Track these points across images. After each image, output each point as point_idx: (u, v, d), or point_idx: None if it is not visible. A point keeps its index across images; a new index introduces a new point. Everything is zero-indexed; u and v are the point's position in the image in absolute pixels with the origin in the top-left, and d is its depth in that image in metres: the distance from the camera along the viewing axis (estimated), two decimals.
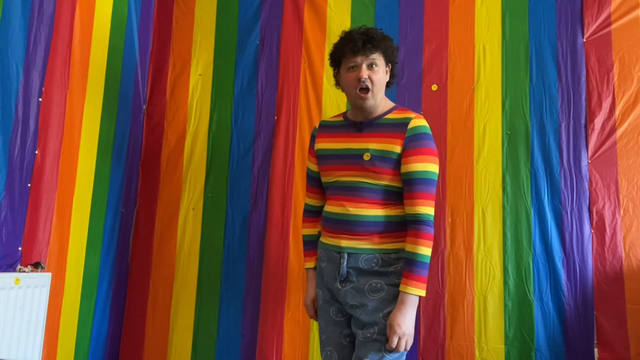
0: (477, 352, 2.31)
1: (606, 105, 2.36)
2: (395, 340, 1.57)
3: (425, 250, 1.63)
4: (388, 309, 1.64)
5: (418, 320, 2.37)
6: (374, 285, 1.67)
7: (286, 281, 2.50)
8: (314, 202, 1.93)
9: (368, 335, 1.63)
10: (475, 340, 2.32)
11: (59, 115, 2.11)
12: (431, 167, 1.69)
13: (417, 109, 2.51)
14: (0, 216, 1.86)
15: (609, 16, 2.41)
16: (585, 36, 2.42)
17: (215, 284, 2.57)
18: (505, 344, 2.30)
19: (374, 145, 1.71)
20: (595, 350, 2.23)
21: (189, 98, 2.74)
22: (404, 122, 1.71)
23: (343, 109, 2.55)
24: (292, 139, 2.61)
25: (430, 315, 2.36)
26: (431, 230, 1.66)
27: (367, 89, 1.71)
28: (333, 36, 2.60)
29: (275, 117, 2.64)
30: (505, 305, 2.32)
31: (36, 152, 2.01)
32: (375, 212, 1.69)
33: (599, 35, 2.41)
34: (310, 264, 1.90)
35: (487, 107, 2.46)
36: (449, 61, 2.52)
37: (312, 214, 1.94)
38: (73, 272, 2.23)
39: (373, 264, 1.68)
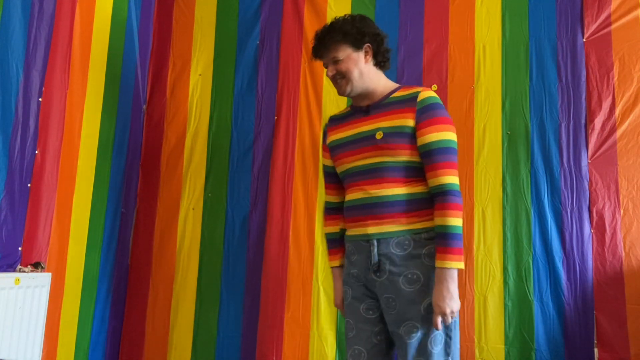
0: (477, 352, 2.31)
1: (606, 105, 2.36)
2: (438, 321, 1.52)
3: (455, 221, 1.55)
4: (428, 301, 1.56)
5: None
6: (409, 276, 1.57)
7: (286, 281, 2.50)
8: (333, 198, 1.85)
9: (412, 334, 1.55)
10: (475, 340, 2.32)
11: (59, 115, 2.11)
12: (448, 135, 1.61)
13: None
14: (0, 216, 1.86)
15: (609, 16, 2.41)
16: (585, 36, 2.42)
17: (215, 284, 2.57)
18: (505, 344, 2.30)
19: (385, 123, 1.65)
20: (595, 350, 2.23)
21: (189, 98, 2.74)
22: (413, 97, 1.65)
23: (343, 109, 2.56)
24: (292, 139, 2.61)
25: None
26: (459, 200, 1.57)
27: (339, 82, 1.71)
28: None
29: (275, 117, 2.64)
30: (505, 305, 2.32)
31: (36, 152, 2.01)
32: (397, 190, 1.61)
33: (599, 35, 2.41)
34: (336, 263, 1.82)
35: (487, 107, 2.46)
36: (449, 61, 2.52)
37: (333, 210, 1.85)
38: (73, 272, 2.23)
39: (405, 247, 1.59)
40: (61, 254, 2.16)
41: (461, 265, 1.53)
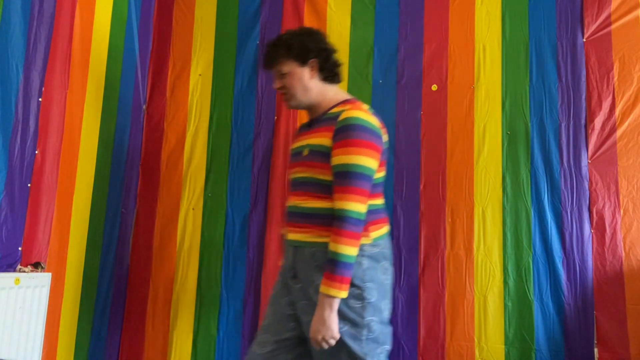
0: (477, 352, 2.31)
1: (606, 105, 2.36)
2: (313, 343, 1.52)
3: (344, 249, 1.49)
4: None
5: (418, 320, 2.38)
6: (317, 285, 1.54)
7: None
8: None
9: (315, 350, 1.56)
10: (475, 340, 2.32)
11: (59, 115, 2.11)
12: (357, 158, 1.53)
13: (417, 109, 2.51)
14: (0, 216, 1.86)
15: (609, 16, 2.41)
16: (585, 36, 2.42)
17: (215, 284, 2.57)
18: (505, 344, 2.30)
19: (312, 140, 1.66)
20: (595, 350, 2.23)
21: (189, 98, 2.74)
22: (337, 116, 1.61)
23: None
24: (292, 139, 2.61)
25: (430, 315, 2.36)
26: (353, 228, 1.50)
27: (284, 95, 1.75)
28: (333, 36, 2.60)
29: (275, 117, 2.64)
30: (505, 305, 2.32)
31: (36, 152, 2.01)
32: (313, 204, 1.61)
33: (599, 35, 2.41)
34: None
35: (487, 107, 2.46)
36: (449, 61, 2.52)
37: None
38: (73, 272, 2.23)
39: (318, 258, 1.57)
40: (61, 254, 2.16)
41: (343, 294, 1.49)
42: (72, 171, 2.22)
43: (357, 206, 1.52)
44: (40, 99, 2.02)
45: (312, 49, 1.69)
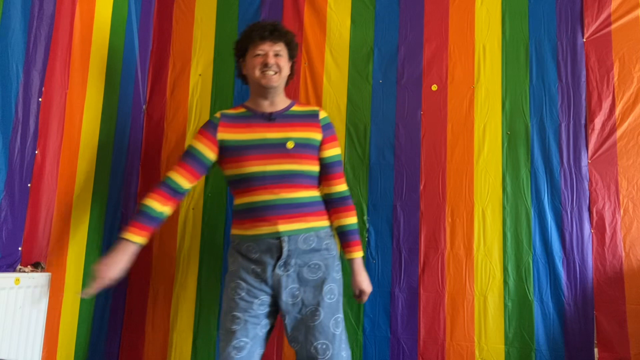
0: (477, 352, 2.31)
1: (606, 105, 2.36)
2: (365, 298, 1.93)
3: (356, 219, 1.95)
4: (328, 286, 1.80)
5: (418, 320, 2.38)
6: (312, 265, 1.80)
7: None
8: (183, 181, 1.86)
9: (315, 318, 1.75)
10: (475, 340, 2.32)
11: (59, 115, 2.11)
12: (339, 150, 1.98)
13: (417, 109, 2.51)
14: (0, 216, 1.86)
15: (609, 16, 2.41)
16: (585, 36, 2.42)
17: (215, 284, 2.57)
18: (505, 344, 2.30)
19: (295, 134, 1.85)
20: (595, 350, 2.23)
21: (189, 98, 2.74)
22: (314, 114, 1.94)
23: (343, 109, 2.56)
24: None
25: (430, 315, 2.36)
26: (351, 202, 1.96)
27: (272, 73, 1.86)
28: (333, 36, 2.61)
29: None
30: (505, 305, 2.32)
31: (36, 152, 2.01)
32: (304, 194, 1.84)
33: (599, 35, 2.41)
34: (139, 238, 1.82)
35: (487, 107, 2.46)
36: (449, 61, 2.52)
37: (171, 191, 1.85)
38: (73, 272, 2.23)
39: (310, 242, 1.81)
40: (61, 254, 2.16)
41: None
42: (72, 171, 2.22)
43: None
44: (40, 99, 2.02)
45: (296, 51, 1.98)
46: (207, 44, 2.77)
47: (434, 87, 2.51)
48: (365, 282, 1.91)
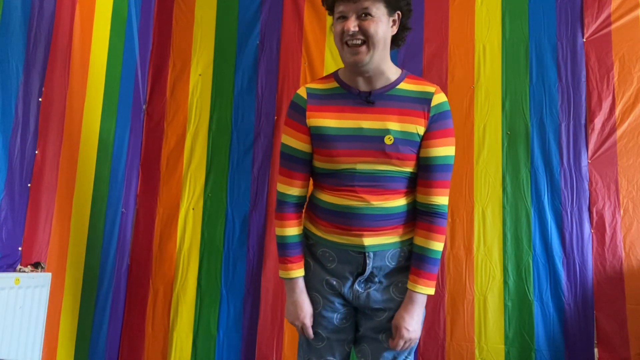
0: (477, 352, 2.31)
1: (606, 105, 2.36)
2: (401, 343, 1.41)
3: (438, 245, 1.43)
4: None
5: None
6: (400, 285, 1.46)
7: None
8: (299, 191, 1.50)
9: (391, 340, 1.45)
10: (475, 340, 2.32)
11: (59, 115, 2.11)
12: (452, 150, 1.44)
13: None
14: (0, 216, 1.86)
15: (609, 16, 2.41)
16: (585, 36, 2.42)
17: (215, 284, 2.57)
18: (505, 344, 2.30)
19: (394, 124, 1.40)
20: (595, 350, 2.23)
21: (189, 98, 2.74)
22: (426, 97, 1.43)
23: None
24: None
25: (430, 315, 2.36)
26: (445, 223, 1.44)
27: (358, 44, 1.37)
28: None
29: (275, 117, 2.64)
30: (505, 305, 2.32)
31: (36, 152, 2.01)
32: (399, 202, 1.44)
33: (599, 35, 2.41)
34: (301, 272, 1.49)
35: (487, 107, 2.46)
36: (449, 61, 2.52)
37: (296, 207, 1.51)
38: (73, 272, 2.23)
39: (400, 259, 1.47)
40: (61, 254, 2.16)
41: (432, 291, 1.43)
42: (72, 171, 2.22)
43: (447, 201, 1.46)
44: (40, 99, 2.02)
45: (404, 3, 1.42)
46: (207, 44, 2.77)
47: None
48: (408, 320, 1.40)
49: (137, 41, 2.66)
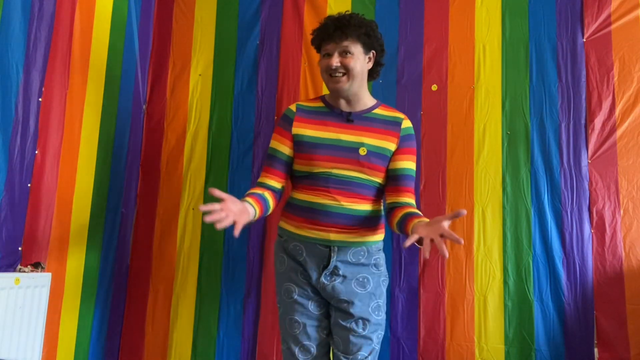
0: (477, 352, 2.31)
1: (606, 105, 2.36)
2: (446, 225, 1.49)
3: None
4: (375, 302, 1.72)
5: (418, 320, 2.38)
6: (360, 279, 1.71)
7: None
8: (275, 183, 1.77)
9: (360, 330, 1.68)
10: (475, 340, 2.32)
11: (59, 115, 2.11)
12: (415, 165, 1.80)
13: (417, 109, 2.51)
14: (0, 216, 1.86)
15: (609, 16, 2.41)
16: (585, 36, 2.42)
17: (215, 284, 2.57)
18: (505, 344, 2.30)
19: (369, 140, 1.71)
20: (595, 350, 2.23)
21: (189, 98, 2.74)
22: (396, 122, 1.77)
23: None
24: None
25: (430, 315, 2.36)
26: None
27: (339, 76, 1.69)
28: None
29: (275, 117, 2.64)
30: (505, 305, 2.32)
31: (36, 152, 2.01)
32: (365, 207, 1.72)
33: (599, 35, 2.41)
34: (250, 202, 1.63)
35: (487, 107, 2.46)
36: (449, 61, 2.52)
37: (273, 191, 1.76)
38: (73, 272, 2.23)
39: (360, 257, 1.72)
40: (61, 254, 2.16)
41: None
42: (72, 171, 2.22)
43: None
44: (40, 99, 2.02)
45: (379, 42, 1.77)
46: (207, 44, 2.77)
47: (434, 87, 2.51)
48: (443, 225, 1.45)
49: (137, 41, 2.66)
